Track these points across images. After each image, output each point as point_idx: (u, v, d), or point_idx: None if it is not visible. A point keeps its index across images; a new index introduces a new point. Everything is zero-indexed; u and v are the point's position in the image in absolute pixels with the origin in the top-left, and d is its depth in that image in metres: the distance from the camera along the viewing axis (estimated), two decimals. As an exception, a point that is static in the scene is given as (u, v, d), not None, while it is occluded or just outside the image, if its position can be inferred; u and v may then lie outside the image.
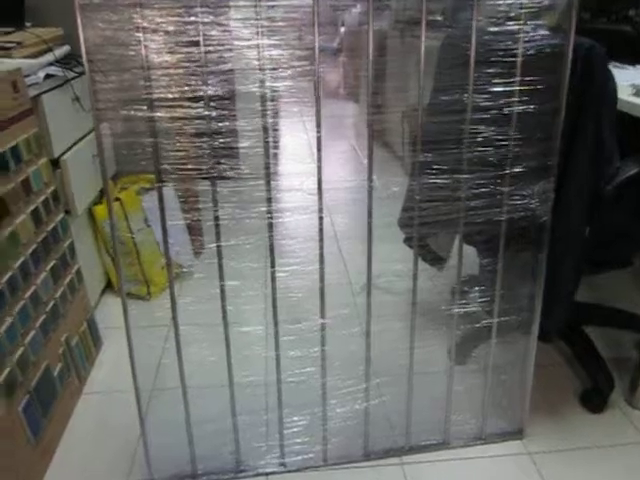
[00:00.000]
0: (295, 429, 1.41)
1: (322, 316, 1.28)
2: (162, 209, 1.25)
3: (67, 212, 1.85)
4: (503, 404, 1.57)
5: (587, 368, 1.71)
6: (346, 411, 1.41)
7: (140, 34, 1.07)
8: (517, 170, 1.26)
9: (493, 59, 1.19)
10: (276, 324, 1.28)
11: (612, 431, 1.56)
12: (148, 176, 2.36)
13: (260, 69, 1.13)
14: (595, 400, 1.63)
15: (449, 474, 1.44)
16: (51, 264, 1.59)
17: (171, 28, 1.08)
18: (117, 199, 2.15)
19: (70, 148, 1.90)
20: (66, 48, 1.97)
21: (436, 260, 1.72)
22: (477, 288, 1.36)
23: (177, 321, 1.29)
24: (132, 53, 1.05)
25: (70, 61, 1.95)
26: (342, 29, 6.07)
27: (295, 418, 1.40)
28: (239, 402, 1.37)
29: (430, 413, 1.52)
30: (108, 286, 2.29)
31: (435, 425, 1.51)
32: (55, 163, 1.80)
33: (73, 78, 1.91)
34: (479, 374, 1.67)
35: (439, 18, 3.17)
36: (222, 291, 1.25)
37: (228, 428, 1.40)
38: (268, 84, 1.14)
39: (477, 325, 1.51)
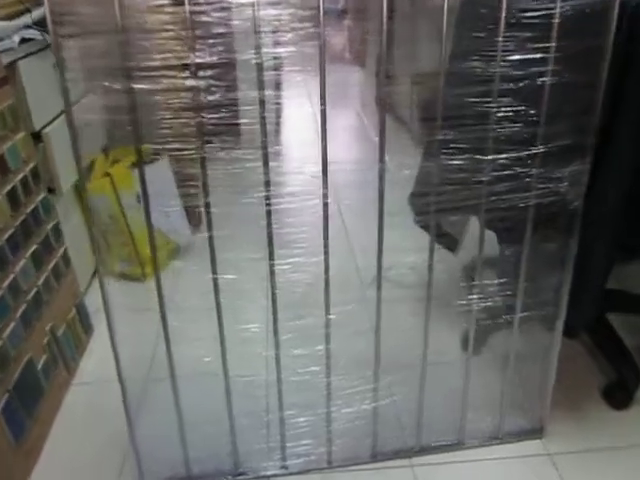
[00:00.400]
0: (298, 430, 1.31)
1: (327, 312, 1.15)
2: (145, 192, 1.11)
3: (51, 190, 1.71)
4: (522, 400, 1.46)
5: (611, 360, 1.59)
6: (352, 412, 1.30)
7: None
8: (547, 150, 1.11)
9: (525, 20, 1.03)
10: (275, 321, 1.16)
11: (638, 429, 1.45)
12: (143, 147, 2.21)
13: (256, 32, 0.98)
14: (619, 395, 1.51)
15: (462, 477, 1.34)
16: (32, 249, 1.46)
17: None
18: (107, 174, 2.01)
19: (53, 120, 1.75)
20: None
21: (449, 242, 1.59)
22: (497, 281, 1.22)
23: (166, 322, 1.17)
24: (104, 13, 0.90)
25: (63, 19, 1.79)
26: (347, -11, 5.81)
27: (298, 419, 1.29)
28: (238, 402, 1.26)
29: (443, 411, 1.41)
30: (100, 266, 2.17)
31: (448, 424, 1.40)
32: (37, 137, 1.65)
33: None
34: (495, 367, 1.55)
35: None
36: (215, 285, 1.13)
37: (225, 428, 1.29)
38: (265, 50, 0.99)
39: (494, 313, 1.39)
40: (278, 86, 1.20)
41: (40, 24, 1.71)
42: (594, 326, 1.59)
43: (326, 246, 1.10)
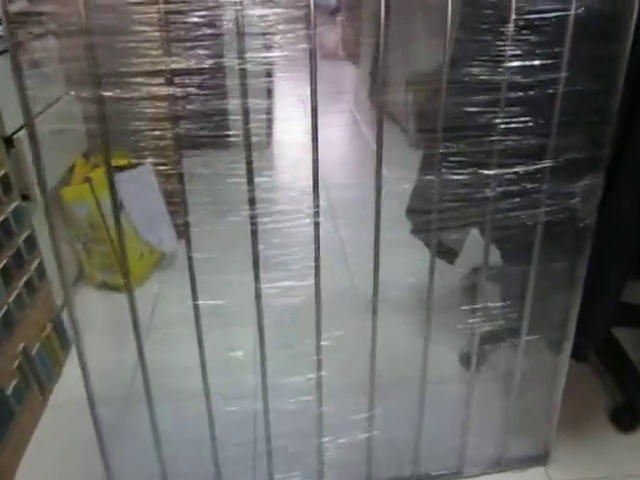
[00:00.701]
0: (287, 461, 1.22)
1: (318, 338, 1.06)
2: (115, 203, 1.01)
3: (25, 198, 1.61)
4: (526, 425, 1.38)
5: (618, 381, 1.51)
6: (345, 441, 1.20)
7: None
8: (558, 163, 1.02)
9: (536, 23, 0.94)
10: (262, 348, 1.07)
11: (648, 455, 1.37)
12: (125, 153, 2.11)
13: (239, 33, 0.88)
14: (627, 418, 1.43)
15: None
16: (1, 264, 1.36)
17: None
18: (87, 179, 1.91)
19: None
20: (20, 3, 1.68)
21: (448, 255, 1.50)
22: (500, 304, 1.13)
23: (141, 345, 1.07)
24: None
25: (25, 19, 1.68)
26: (341, -16, 5.70)
27: (287, 449, 1.20)
28: (223, 431, 1.17)
29: (442, 435, 1.32)
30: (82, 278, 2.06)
31: (448, 450, 1.32)
32: (8, 141, 1.55)
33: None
34: (497, 387, 1.47)
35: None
36: (196, 310, 1.03)
37: (209, 459, 1.20)
38: (250, 55, 0.89)
39: (496, 336, 1.31)
40: (269, 92, 1.11)
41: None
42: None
43: (317, 268, 1.00)
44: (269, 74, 1.13)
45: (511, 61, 0.94)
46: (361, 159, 3.10)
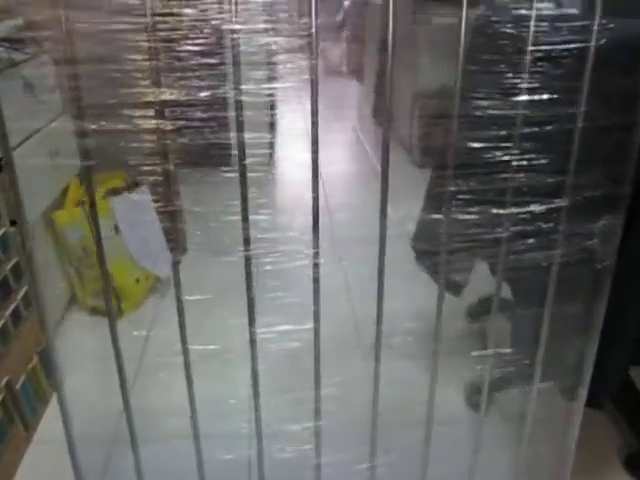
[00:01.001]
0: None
1: (317, 386, 0.99)
2: (97, 232, 0.94)
3: (14, 223, 1.54)
4: (537, 472, 1.29)
5: (632, 425, 1.43)
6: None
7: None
8: (576, 202, 0.95)
9: (554, 54, 0.87)
10: (256, 394, 0.99)
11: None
12: (122, 174, 2.06)
13: (234, 64, 0.82)
14: (643, 465, 1.36)
15: None
16: (-15, 295, 1.29)
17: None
18: (81, 202, 1.85)
19: (19, 145, 1.59)
20: (14, 22, 1.64)
21: (454, 288, 1.43)
22: (512, 349, 1.06)
23: (127, 398, 1.00)
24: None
25: (20, 39, 1.63)
26: (346, 2, 5.69)
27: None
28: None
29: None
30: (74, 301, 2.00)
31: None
32: (-2, 165, 1.49)
33: (23, 60, 1.59)
34: (507, 431, 1.39)
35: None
36: (186, 361, 0.96)
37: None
38: (245, 87, 0.83)
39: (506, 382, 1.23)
40: (272, 126, 1.05)
41: (6, 41, 1.56)
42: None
43: (316, 312, 0.93)
44: (272, 107, 1.07)
45: (526, 94, 0.88)
46: (365, 181, 3.03)
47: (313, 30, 0.79)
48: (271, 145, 3.15)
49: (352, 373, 1.14)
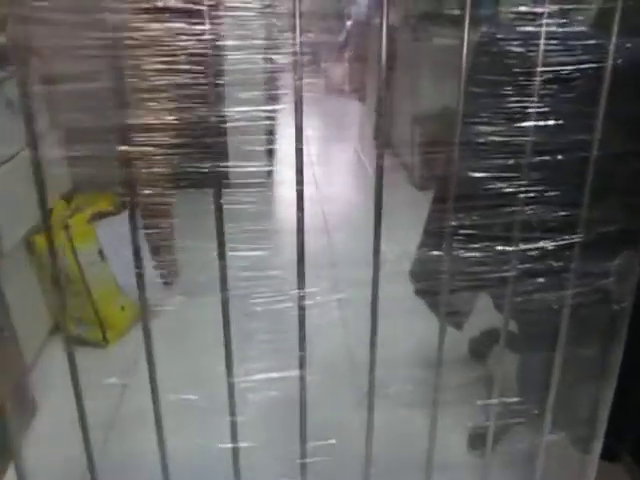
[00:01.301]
0: None
1: (302, 440, 0.89)
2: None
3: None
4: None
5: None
6: None
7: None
8: (590, 237, 0.86)
9: (566, 75, 0.79)
10: (236, 458, 0.89)
11: None
12: (110, 197, 1.97)
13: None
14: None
15: None
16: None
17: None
18: (65, 226, 1.76)
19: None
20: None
21: (455, 320, 1.33)
22: (516, 399, 0.96)
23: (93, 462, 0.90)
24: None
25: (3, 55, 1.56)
26: (348, 22, 5.67)
27: None
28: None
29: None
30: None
31: None
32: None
33: (5, 78, 1.52)
34: (513, 476, 1.28)
35: (457, 12, 2.76)
36: (157, 419, 0.86)
37: None
38: (239, 109, 0.75)
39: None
40: (271, 153, 0.98)
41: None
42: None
43: (302, 358, 0.84)
44: (271, 132, 0.98)
45: (535, 119, 0.80)
46: (365, 203, 2.95)
47: (297, 49, 0.71)
48: (269, 174, 3.07)
49: (345, 424, 1.03)
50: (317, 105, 5.21)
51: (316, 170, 3.60)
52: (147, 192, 0.94)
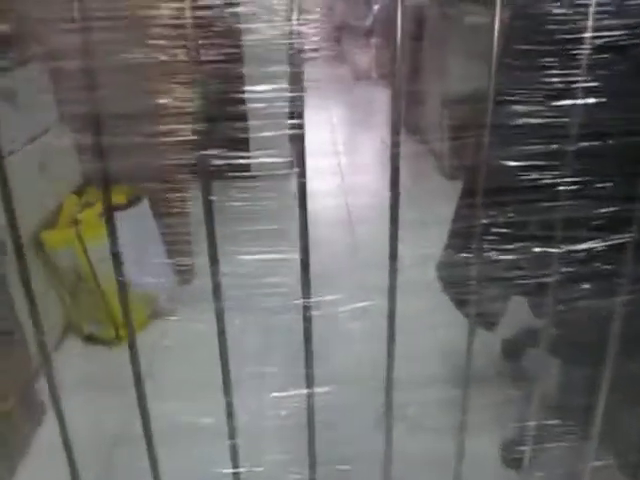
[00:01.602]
0: None
1: (311, 466, 0.79)
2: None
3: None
4: None
5: None
6: None
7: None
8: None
9: (623, 42, 0.66)
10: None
11: None
12: (123, 188, 1.90)
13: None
14: None
15: None
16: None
17: None
18: (75, 222, 1.70)
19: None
20: (-1, 27, 1.50)
21: (486, 321, 1.21)
22: (557, 421, 0.84)
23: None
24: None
25: (7, 45, 1.49)
26: (375, 6, 5.50)
27: None
28: None
29: None
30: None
31: None
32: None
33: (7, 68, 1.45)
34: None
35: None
36: (147, 438, 0.77)
37: None
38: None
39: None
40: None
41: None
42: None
43: (310, 376, 0.73)
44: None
45: (582, 97, 0.67)
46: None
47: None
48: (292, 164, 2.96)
49: (359, 447, 0.93)
50: (343, 92, 5.07)
51: (342, 160, 3.48)
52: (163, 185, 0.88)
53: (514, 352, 1.59)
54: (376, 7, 5.47)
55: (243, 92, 0.84)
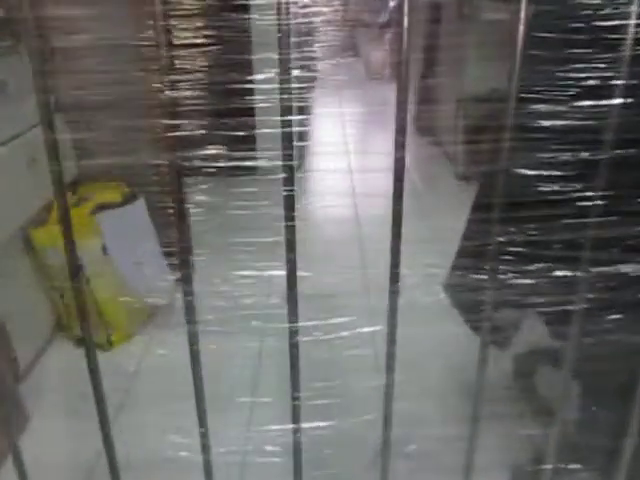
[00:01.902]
0: None
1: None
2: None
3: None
4: None
5: None
6: None
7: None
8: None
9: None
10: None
11: None
12: (118, 184, 1.82)
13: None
14: None
15: None
16: None
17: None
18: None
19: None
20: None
21: (499, 339, 1.11)
22: (578, 466, 0.74)
23: None
24: None
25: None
26: (391, 2, 5.39)
27: None
28: None
29: None
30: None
31: None
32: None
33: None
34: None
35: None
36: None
37: None
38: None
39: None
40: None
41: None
42: None
43: (297, 411, 0.64)
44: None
45: (620, 96, 0.57)
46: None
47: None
48: (300, 157, 2.87)
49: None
50: (356, 91, 4.96)
51: (352, 159, 3.40)
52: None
53: (527, 371, 1.49)
54: (392, 3, 5.36)
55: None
